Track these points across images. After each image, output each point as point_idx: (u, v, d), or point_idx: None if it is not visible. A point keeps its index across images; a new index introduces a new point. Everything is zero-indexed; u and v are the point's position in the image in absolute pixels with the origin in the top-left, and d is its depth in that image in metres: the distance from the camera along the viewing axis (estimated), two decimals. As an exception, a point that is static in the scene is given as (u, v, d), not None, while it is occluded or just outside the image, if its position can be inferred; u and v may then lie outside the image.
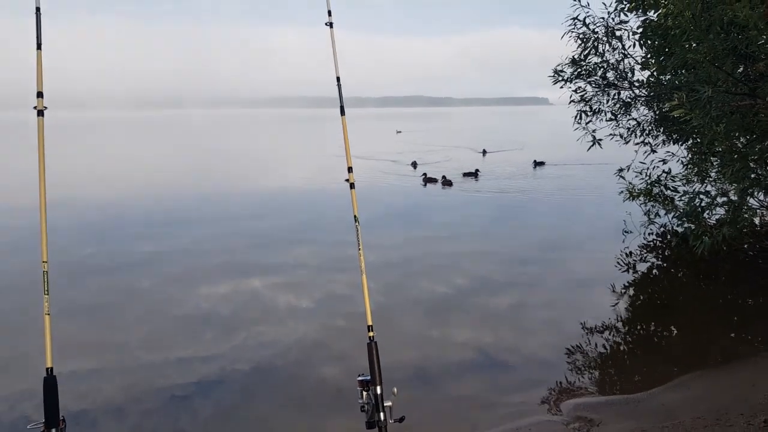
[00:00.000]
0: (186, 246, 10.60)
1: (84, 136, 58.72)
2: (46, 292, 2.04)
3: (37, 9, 2.24)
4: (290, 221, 12.98)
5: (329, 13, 3.02)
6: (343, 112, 2.99)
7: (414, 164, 23.51)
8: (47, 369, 1.99)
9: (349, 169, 2.87)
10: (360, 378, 2.40)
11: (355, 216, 2.74)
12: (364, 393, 2.36)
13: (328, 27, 3.03)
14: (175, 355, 6.00)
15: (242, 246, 10.59)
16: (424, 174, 19.53)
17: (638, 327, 6.81)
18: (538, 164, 22.82)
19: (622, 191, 8.55)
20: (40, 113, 2.19)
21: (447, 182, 18.16)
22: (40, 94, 2.19)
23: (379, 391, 2.33)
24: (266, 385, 5.37)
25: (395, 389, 2.35)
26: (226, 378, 5.46)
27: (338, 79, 3.05)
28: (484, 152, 29.17)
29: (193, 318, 7.04)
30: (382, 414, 2.30)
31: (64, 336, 6.21)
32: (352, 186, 2.83)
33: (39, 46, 2.22)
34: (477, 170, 20.29)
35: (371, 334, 2.48)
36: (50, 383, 1.98)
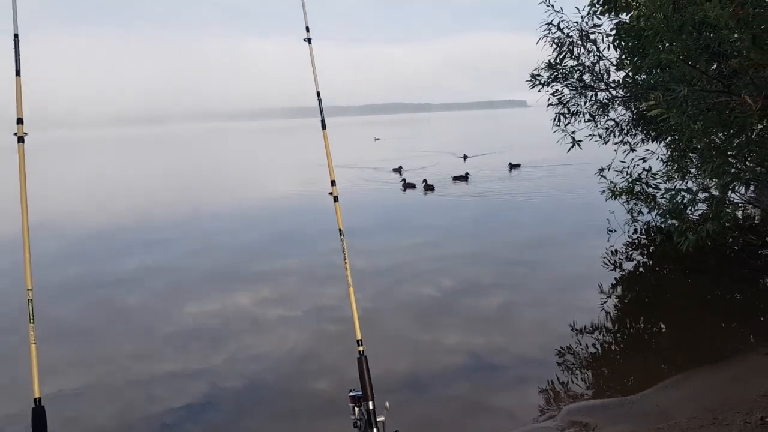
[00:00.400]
0: (171, 262, 10.54)
1: (65, 156, 58.01)
2: (31, 321, 1.98)
3: (15, 36, 2.24)
4: (275, 233, 12.92)
5: (307, 29, 3.02)
6: (324, 126, 2.98)
7: (399, 169, 23.52)
8: (35, 399, 1.93)
9: (332, 183, 2.85)
10: (351, 394, 2.37)
11: (339, 229, 2.72)
12: (356, 409, 2.33)
13: (307, 43, 3.02)
14: (164, 373, 5.95)
15: (228, 259, 10.53)
16: (403, 179, 19.68)
17: (628, 326, 6.84)
18: (513, 167, 22.89)
19: (604, 190, 8.61)
20: (21, 139, 2.17)
21: (429, 187, 18.17)
22: (20, 121, 2.17)
23: (371, 406, 2.30)
24: (257, 401, 5.31)
25: (387, 403, 2.31)
26: (216, 395, 5.41)
27: (318, 93, 3.04)
28: (465, 157, 28.96)
29: (181, 334, 6.99)
30: (375, 430, 2.26)
31: (52, 358, 6.15)
32: (335, 199, 2.82)
33: (18, 73, 2.22)
34: (467, 173, 20.34)
35: (361, 348, 2.45)
36: (38, 414, 1.93)
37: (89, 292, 8.88)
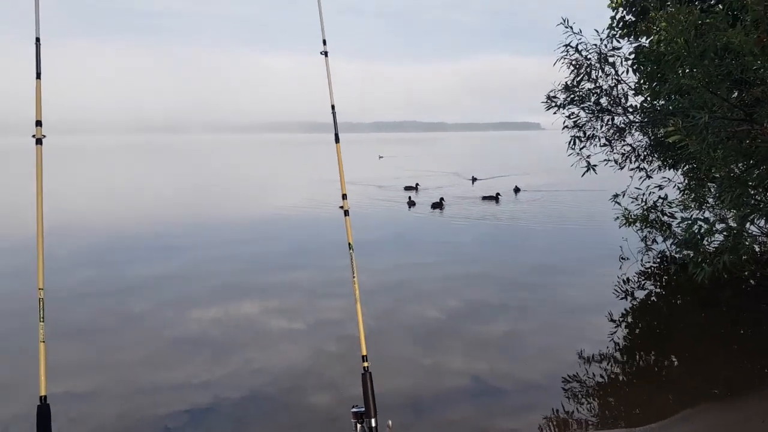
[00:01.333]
0: (181, 271, 10.56)
1: (81, 161, 58.75)
2: (41, 320, 2.02)
3: (37, 39, 2.29)
4: (284, 245, 12.92)
5: (324, 42, 3.02)
6: (337, 140, 3.00)
7: (415, 187, 23.73)
8: (41, 397, 1.96)
9: (344, 196, 2.83)
10: (354, 410, 2.33)
11: (349, 244, 2.67)
12: (359, 425, 2.29)
13: (323, 56, 3.02)
14: (168, 381, 5.94)
15: (236, 270, 10.52)
16: (409, 197, 20.02)
17: (637, 356, 6.63)
18: (517, 191, 22.56)
19: (617, 217, 8.44)
20: (39, 141, 2.20)
21: (438, 205, 18.20)
22: (39, 123, 2.22)
23: (374, 423, 2.26)
24: (258, 413, 5.25)
25: (390, 422, 2.26)
26: (219, 405, 5.37)
27: (333, 107, 3.04)
28: (474, 179, 28.00)
29: (187, 343, 6.98)
30: None
31: (59, 360, 6.15)
32: (346, 213, 2.78)
33: (38, 76, 2.27)
34: (498, 194, 20.32)
35: (366, 364, 2.41)
36: (44, 412, 1.96)
37: (100, 296, 8.92)
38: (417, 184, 24.28)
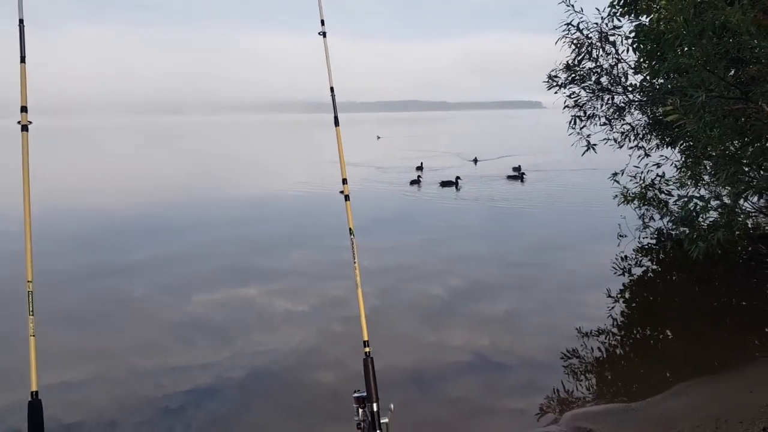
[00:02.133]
0: (180, 253, 10.54)
1: (76, 142, 58.46)
2: (31, 313, 1.93)
3: (20, 21, 2.17)
4: (285, 227, 12.94)
5: (322, 22, 2.95)
6: (337, 123, 2.90)
7: (420, 167, 23.72)
8: (32, 393, 1.88)
9: (344, 181, 2.76)
10: (356, 395, 2.33)
11: (350, 229, 2.63)
12: (360, 410, 2.29)
13: (322, 36, 2.95)
14: (169, 363, 5.95)
15: (237, 252, 10.54)
16: (419, 176, 20.11)
17: (634, 332, 6.79)
18: (515, 171, 22.06)
19: (616, 195, 8.54)
20: (25, 128, 2.10)
21: (448, 183, 18.45)
22: (24, 109, 2.12)
23: (375, 408, 2.25)
24: (261, 394, 5.32)
25: (392, 405, 2.27)
26: (221, 387, 5.41)
27: (332, 89, 2.96)
28: (476, 160, 27.59)
29: (187, 325, 7.00)
30: None
31: (55, 346, 6.15)
32: (346, 198, 2.72)
33: (23, 59, 2.15)
34: (523, 173, 20.38)
35: (367, 349, 2.40)
36: (35, 408, 1.88)
37: (96, 281, 8.86)
38: (422, 164, 24.35)
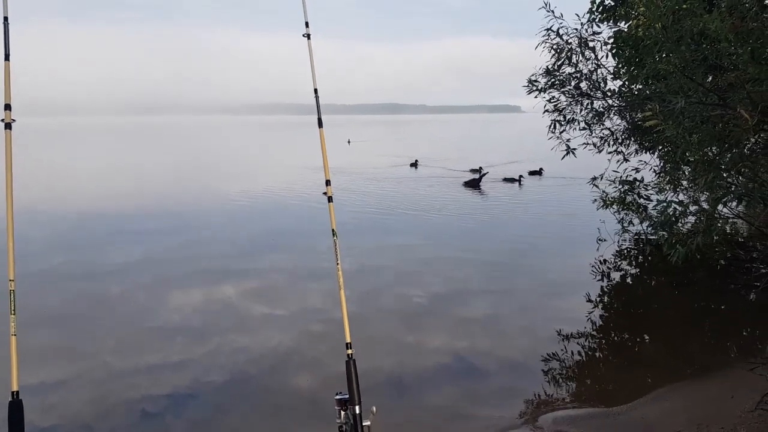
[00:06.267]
0: (158, 254, 10.43)
1: (58, 142, 57.32)
2: (12, 312, 1.94)
3: (5, 18, 2.16)
4: (264, 229, 12.82)
5: (306, 24, 2.93)
6: (321, 125, 2.90)
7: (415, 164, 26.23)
8: (12, 393, 1.88)
9: (327, 182, 2.74)
10: (338, 397, 2.31)
11: (333, 230, 2.60)
12: (342, 413, 2.27)
13: (306, 39, 2.94)
14: (147, 366, 5.88)
15: (216, 254, 10.44)
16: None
17: (614, 336, 6.83)
18: (476, 172, 22.26)
19: (595, 200, 8.58)
20: (8, 126, 2.11)
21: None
22: (8, 107, 2.12)
23: (357, 411, 2.23)
24: (241, 397, 5.26)
25: (374, 408, 2.24)
26: (199, 390, 5.35)
27: (316, 91, 2.95)
28: (416, 163, 27.15)
29: (164, 328, 6.91)
30: None
31: (33, 348, 6.06)
32: (330, 199, 2.71)
33: (7, 57, 2.17)
34: (541, 168, 21.80)
35: (350, 351, 2.38)
36: (15, 408, 1.88)
37: (74, 282, 8.77)
38: (416, 161, 26.20)
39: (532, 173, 21.71)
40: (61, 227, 13.09)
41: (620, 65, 8.04)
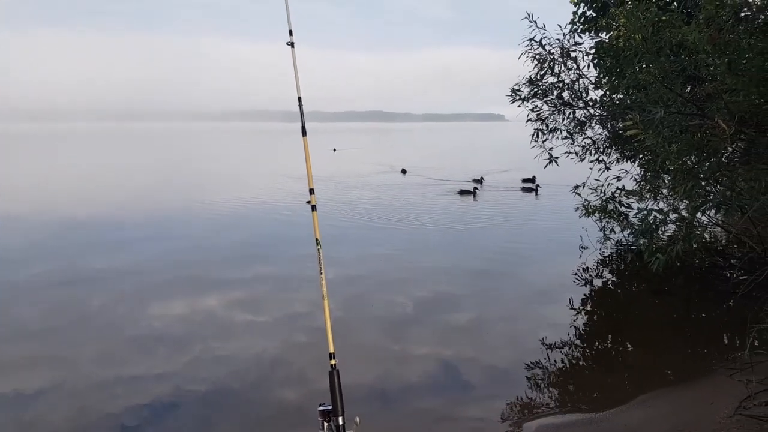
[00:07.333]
0: (140, 263, 10.26)
1: (40, 148, 56.45)
2: None
3: None
4: (248, 237, 12.69)
5: (290, 32, 2.96)
6: (304, 133, 2.89)
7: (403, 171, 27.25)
8: None
9: (311, 191, 2.74)
10: (321, 408, 2.30)
11: (317, 239, 2.61)
12: (326, 424, 2.27)
13: (290, 47, 2.95)
14: (127, 377, 5.77)
15: (198, 262, 10.31)
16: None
17: (597, 342, 6.88)
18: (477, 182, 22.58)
19: (577, 208, 8.67)
20: None
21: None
22: None
23: (341, 422, 2.24)
24: (224, 407, 5.19)
25: (357, 418, 2.25)
26: (181, 401, 5.28)
27: (299, 99, 2.96)
28: (404, 171, 27.86)
29: (147, 338, 6.81)
30: None
31: (8, 357, 6.00)
32: (313, 208, 2.68)
33: None
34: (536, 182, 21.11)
35: (333, 362, 2.37)
36: None
37: (53, 290, 8.60)
38: (404, 169, 26.63)
39: (525, 181, 21.73)
40: (38, 235, 12.83)
41: (601, 75, 8.18)
